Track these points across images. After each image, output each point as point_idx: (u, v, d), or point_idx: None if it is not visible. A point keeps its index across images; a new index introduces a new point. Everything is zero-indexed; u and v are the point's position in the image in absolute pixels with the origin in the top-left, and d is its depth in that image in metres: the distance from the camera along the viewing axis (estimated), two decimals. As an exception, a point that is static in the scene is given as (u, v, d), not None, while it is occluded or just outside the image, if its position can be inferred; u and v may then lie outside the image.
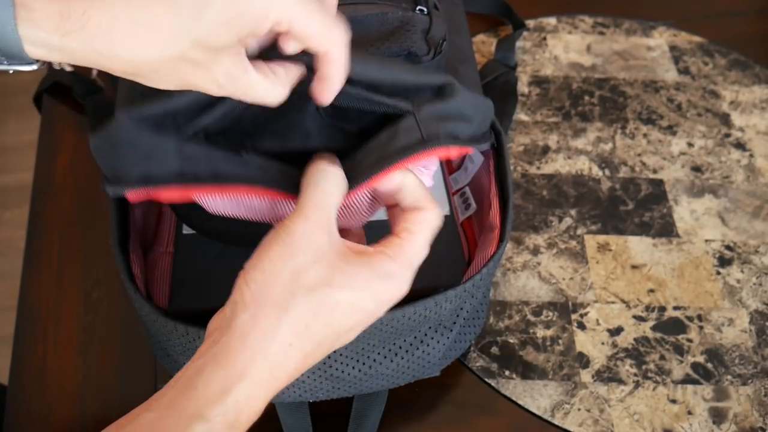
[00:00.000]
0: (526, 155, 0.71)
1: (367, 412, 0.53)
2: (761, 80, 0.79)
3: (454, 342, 0.53)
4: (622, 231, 0.65)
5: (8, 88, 1.88)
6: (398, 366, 0.50)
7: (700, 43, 0.82)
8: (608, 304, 0.60)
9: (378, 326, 0.46)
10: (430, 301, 0.47)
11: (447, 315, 0.50)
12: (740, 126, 0.74)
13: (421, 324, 0.48)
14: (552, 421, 0.53)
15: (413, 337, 0.50)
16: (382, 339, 0.48)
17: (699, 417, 0.54)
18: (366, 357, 0.49)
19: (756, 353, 0.58)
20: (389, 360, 0.49)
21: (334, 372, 0.49)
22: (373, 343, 0.48)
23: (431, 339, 0.50)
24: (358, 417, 0.53)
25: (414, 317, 0.47)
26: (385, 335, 0.48)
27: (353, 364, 0.49)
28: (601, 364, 0.57)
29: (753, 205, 0.68)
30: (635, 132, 0.73)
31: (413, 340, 0.50)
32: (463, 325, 0.53)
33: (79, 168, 0.68)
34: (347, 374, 0.49)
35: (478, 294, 0.51)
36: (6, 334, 0.59)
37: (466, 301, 0.50)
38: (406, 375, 0.51)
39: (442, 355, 0.52)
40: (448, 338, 0.51)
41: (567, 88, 0.77)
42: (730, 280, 0.62)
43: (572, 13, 0.85)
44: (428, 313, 0.47)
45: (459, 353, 0.54)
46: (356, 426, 0.52)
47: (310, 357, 0.37)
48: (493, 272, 0.51)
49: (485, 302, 0.56)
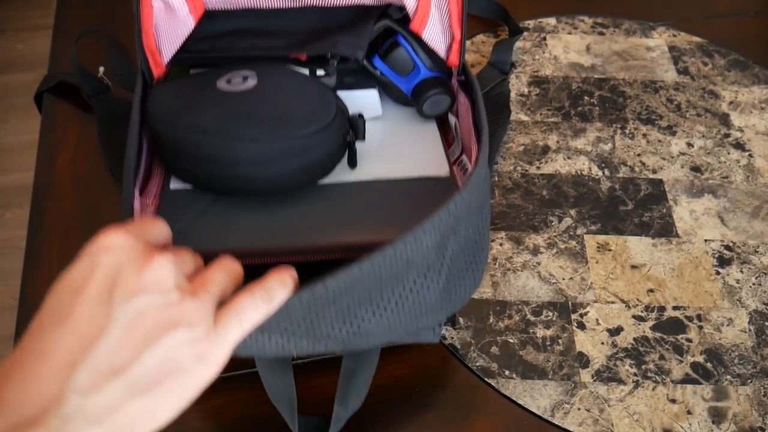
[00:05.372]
0: (526, 155, 0.71)
1: (357, 371, 0.51)
2: (760, 81, 0.79)
3: (447, 291, 0.50)
4: (621, 231, 0.65)
5: (9, 88, 1.88)
6: (389, 321, 0.47)
7: (699, 44, 0.83)
8: (608, 304, 0.60)
9: (359, 277, 0.44)
10: (409, 236, 0.45)
11: (432, 255, 0.47)
12: (739, 126, 0.74)
13: (407, 269, 0.46)
14: (552, 420, 0.54)
15: (402, 287, 0.47)
16: (367, 293, 0.46)
17: (698, 417, 0.54)
18: (353, 316, 0.46)
19: (755, 353, 0.58)
20: (378, 317, 0.47)
21: (319, 334, 0.46)
22: (358, 299, 0.46)
23: (421, 286, 0.48)
24: (347, 376, 0.51)
25: (396, 259, 0.45)
26: (369, 287, 0.45)
27: (339, 326, 0.46)
28: (600, 364, 0.57)
29: (752, 205, 0.68)
30: (635, 132, 0.73)
31: (402, 290, 0.47)
32: (451, 267, 0.49)
33: (80, 168, 0.68)
34: (333, 336, 0.46)
35: (459, 229, 0.49)
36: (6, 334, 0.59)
37: (449, 238, 0.48)
38: (398, 331, 0.48)
39: (435, 305, 0.49)
40: (439, 284, 0.48)
41: (567, 88, 0.77)
42: (729, 280, 0.62)
43: (572, 13, 0.85)
44: (410, 253, 0.45)
45: (454, 307, 0.51)
46: (345, 385, 0.50)
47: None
48: (470, 200, 0.49)
49: (478, 247, 0.53)
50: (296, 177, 0.57)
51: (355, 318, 0.46)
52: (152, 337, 0.35)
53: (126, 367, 0.34)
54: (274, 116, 0.55)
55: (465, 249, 0.51)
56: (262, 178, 0.56)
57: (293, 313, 0.43)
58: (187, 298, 0.37)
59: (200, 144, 0.54)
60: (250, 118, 0.55)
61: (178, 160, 0.57)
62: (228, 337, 0.38)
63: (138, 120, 0.57)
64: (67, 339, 0.34)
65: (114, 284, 0.36)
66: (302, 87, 0.59)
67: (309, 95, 0.58)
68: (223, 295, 0.39)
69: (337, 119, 0.57)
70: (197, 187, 0.58)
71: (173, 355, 0.35)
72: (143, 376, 0.35)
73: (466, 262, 0.51)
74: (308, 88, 0.59)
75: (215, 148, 0.54)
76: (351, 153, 0.60)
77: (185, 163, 0.56)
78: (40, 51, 1.94)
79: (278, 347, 0.46)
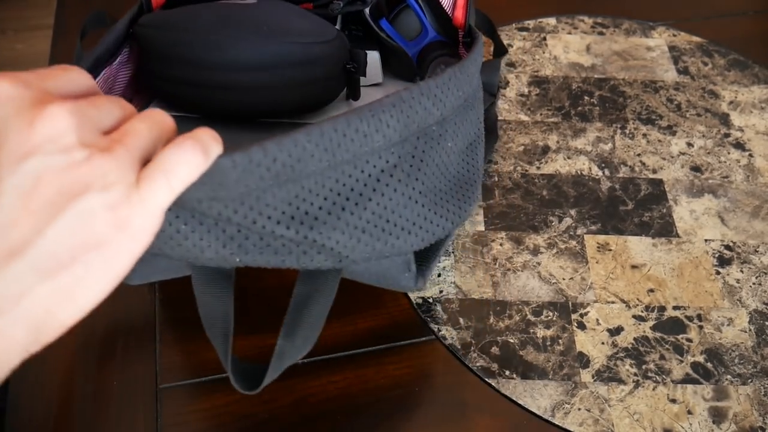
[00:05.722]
0: (526, 155, 0.71)
1: (311, 299, 0.43)
2: (760, 80, 0.79)
3: (422, 208, 0.43)
4: (621, 231, 0.65)
5: (8, 88, 1.88)
6: (347, 227, 0.40)
7: (699, 43, 0.83)
8: (608, 304, 0.60)
9: (307, 148, 0.37)
10: (365, 109, 0.39)
11: (400, 148, 0.41)
12: (739, 126, 0.74)
13: (366, 151, 0.40)
14: (552, 420, 0.54)
15: (360, 172, 0.40)
16: (319, 176, 0.39)
17: (699, 417, 0.54)
18: (303, 210, 0.39)
19: (756, 353, 0.58)
20: (335, 217, 0.39)
21: (261, 230, 0.39)
22: (309, 184, 0.38)
23: (386, 186, 0.41)
24: (298, 304, 0.44)
25: (350, 133, 0.38)
26: (320, 168, 0.38)
27: (287, 221, 0.38)
28: (601, 364, 0.57)
29: (752, 205, 0.68)
30: (635, 132, 0.73)
31: (360, 176, 0.40)
32: (427, 181, 0.43)
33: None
34: (281, 236, 0.39)
35: (439, 134, 0.43)
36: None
37: (421, 138, 0.42)
38: (361, 248, 0.41)
39: (406, 221, 0.42)
40: (410, 191, 0.41)
41: (567, 88, 0.77)
42: (729, 280, 0.62)
43: (572, 13, 0.85)
44: (367, 129, 0.39)
45: (431, 235, 0.44)
46: (294, 313, 0.43)
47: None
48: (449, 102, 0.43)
49: (464, 178, 0.47)
50: (289, 96, 0.52)
51: (306, 215, 0.39)
52: (55, 207, 0.29)
53: (27, 245, 0.29)
54: (272, 24, 0.51)
55: (448, 170, 0.46)
56: (253, 89, 0.51)
57: (227, 183, 0.36)
58: (97, 155, 0.30)
59: (190, 43, 0.50)
60: (247, 23, 0.51)
61: (164, 67, 0.52)
62: (154, 199, 0.31)
63: (123, 27, 0.53)
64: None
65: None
66: (303, 12, 0.55)
67: (310, 18, 0.54)
68: (148, 153, 0.32)
69: (338, 41, 0.53)
70: (182, 109, 0.54)
71: (85, 225, 0.29)
72: (50, 253, 0.29)
73: (449, 186, 0.46)
74: (310, 15, 0.55)
75: (206, 47, 0.50)
76: (352, 83, 0.55)
77: (172, 71, 0.52)
78: (40, 51, 1.94)
79: (218, 245, 0.39)
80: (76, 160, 0.29)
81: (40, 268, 0.29)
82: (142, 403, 0.53)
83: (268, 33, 0.51)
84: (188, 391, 0.54)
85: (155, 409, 0.53)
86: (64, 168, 0.29)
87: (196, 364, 0.55)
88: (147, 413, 0.53)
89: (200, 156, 0.32)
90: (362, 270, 0.45)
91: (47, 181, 0.29)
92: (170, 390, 0.54)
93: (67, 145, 0.29)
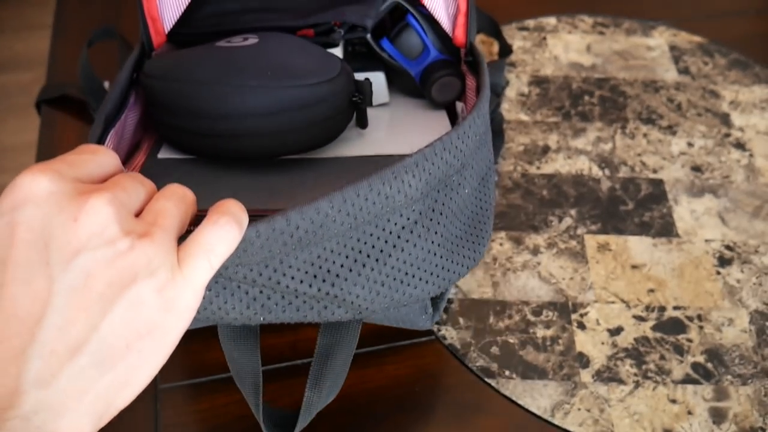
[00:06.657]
0: (526, 155, 0.71)
1: (334, 350, 0.44)
2: (761, 80, 0.79)
3: (440, 258, 0.44)
4: (622, 231, 0.65)
5: (8, 88, 1.88)
6: (368, 282, 0.41)
7: (700, 43, 0.82)
8: (608, 304, 0.60)
9: (329, 214, 0.38)
10: (387, 171, 0.39)
11: (420, 204, 0.42)
12: (740, 126, 0.74)
13: (387, 211, 0.40)
14: (552, 421, 0.54)
15: (382, 230, 0.41)
16: (341, 238, 0.40)
17: (699, 417, 0.54)
18: (326, 270, 0.40)
19: (756, 353, 0.58)
20: (356, 273, 0.40)
21: (284, 289, 0.40)
22: (330, 245, 0.40)
23: (406, 242, 0.42)
24: (322, 355, 0.45)
25: (372, 195, 0.39)
26: (342, 230, 0.39)
27: (309, 280, 0.40)
28: (601, 364, 0.57)
29: (753, 205, 0.68)
30: (635, 132, 0.73)
31: (382, 234, 0.41)
32: (444, 231, 0.44)
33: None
34: (303, 294, 0.40)
35: (454, 183, 0.43)
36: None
37: (439, 190, 0.43)
38: (381, 300, 0.42)
39: (425, 272, 0.43)
40: (429, 244, 0.42)
41: (567, 87, 0.77)
42: (730, 280, 0.62)
43: (572, 12, 0.85)
44: (389, 191, 0.40)
45: (448, 281, 0.45)
46: (319, 365, 0.44)
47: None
48: (465, 150, 0.44)
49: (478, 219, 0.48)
50: (298, 137, 0.52)
51: (328, 273, 0.40)
52: (106, 300, 0.29)
53: (85, 341, 0.29)
54: (276, 68, 0.51)
55: (463, 213, 0.47)
56: (259, 135, 0.51)
57: (251, 250, 0.37)
58: (139, 242, 0.30)
59: (194, 95, 0.50)
60: (250, 69, 0.51)
61: (170, 117, 0.52)
62: (197, 278, 0.32)
63: (127, 77, 0.53)
64: (5, 325, 0.28)
65: (46, 245, 0.29)
66: (305, 46, 0.55)
67: (313, 53, 0.54)
68: (180, 231, 0.33)
69: (343, 76, 0.53)
70: (191, 152, 0.54)
71: (137, 313, 0.30)
72: (107, 346, 0.29)
73: (464, 230, 0.47)
74: (312, 48, 0.55)
75: (211, 98, 0.50)
76: (360, 112, 0.55)
77: (178, 120, 0.52)
78: (40, 50, 1.94)
79: (241, 306, 0.40)
80: (121, 251, 0.30)
81: (98, 363, 0.29)
82: (141, 404, 0.53)
83: (272, 77, 0.50)
84: (188, 392, 0.54)
85: (155, 409, 0.53)
86: (111, 260, 0.29)
87: (196, 365, 0.55)
88: (147, 413, 0.53)
89: (236, 231, 0.33)
90: (381, 317, 0.47)
91: (97, 275, 0.29)
92: (170, 390, 0.54)
93: (111, 236, 0.30)
